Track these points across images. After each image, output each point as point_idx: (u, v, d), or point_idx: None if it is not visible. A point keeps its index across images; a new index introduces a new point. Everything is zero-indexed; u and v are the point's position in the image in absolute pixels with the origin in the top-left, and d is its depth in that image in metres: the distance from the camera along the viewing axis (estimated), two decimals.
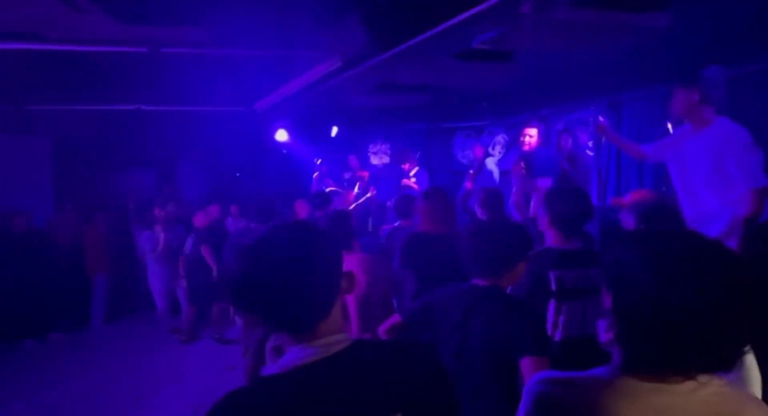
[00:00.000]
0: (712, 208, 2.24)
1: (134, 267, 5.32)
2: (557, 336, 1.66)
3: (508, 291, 1.80)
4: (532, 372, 1.20)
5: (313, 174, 6.41)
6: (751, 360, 1.20)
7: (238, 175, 7.20)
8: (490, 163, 5.08)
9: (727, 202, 2.18)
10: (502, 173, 5.26)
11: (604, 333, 0.75)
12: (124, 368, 3.99)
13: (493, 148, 6.81)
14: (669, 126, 3.29)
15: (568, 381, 0.75)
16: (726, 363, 0.65)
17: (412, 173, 5.63)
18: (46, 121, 5.39)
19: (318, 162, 6.35)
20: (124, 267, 5.34)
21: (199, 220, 4.54)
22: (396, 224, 3.15)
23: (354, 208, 5.52)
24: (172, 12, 2.91)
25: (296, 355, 0.73)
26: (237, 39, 3.34)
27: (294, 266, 0.71)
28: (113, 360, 4.20)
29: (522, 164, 3.78)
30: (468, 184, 4.72)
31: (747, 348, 0.66)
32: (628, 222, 1.98)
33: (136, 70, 3.89)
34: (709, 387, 0.68)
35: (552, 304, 1.67)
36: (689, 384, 0.67)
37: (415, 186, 5.39)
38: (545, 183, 3.62)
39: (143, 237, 4.78)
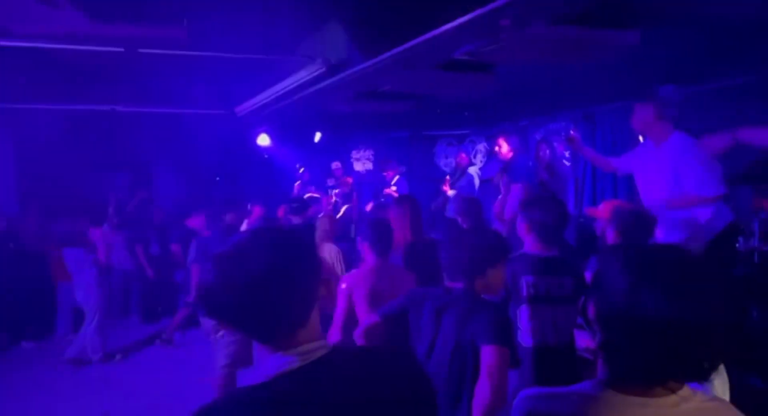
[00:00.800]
0: (674, 216, 2.34)
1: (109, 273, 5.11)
2: (529, 342, 1.68)
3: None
4: (491, 361, 1.25)
5: (295, 180, 6.35)
6: (721, 366, 1.24)
7: (217, 179, 7.06)
8: (472, 171, 5.16)
9: (687, 211, 2.30)
10: (482, 181, 5.35)
11: (585, 342, 0.77)
12: (89, 380, 3.80)
13: (474, 157, 6.93)
14: (640, 138, 3.43)
15: (554, 396, 0.76)
16: (704, 372, 0.67)
17: (393, 181, 5.66)
18: (7, 121, 5.16)
19: (300, 170, 6.31)
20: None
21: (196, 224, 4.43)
22: None
23: (338, 214, 5.49)
24: (150, 11, 2.85)
25: (273, 364, 0.72)
26: (218, 41, 3.30)
27: (269, 273, 0.70)
28: (76, 371, 4.00)
29: (505, 174, 3.86)
30: (446, 189, 4.77)
31: (724, 355, 0.69)
32: (606, 232, 2.04)
33: (112, 70, 3.78)
34: (692, 402, 0.69)
35: (524, 309, 1.70)
36: (673, 398, 0.68)
37: (396, 194, 5.42)
38: (515, 189, 3.71)
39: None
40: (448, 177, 5.08)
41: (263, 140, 6.22)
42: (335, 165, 6.18)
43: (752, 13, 2.87)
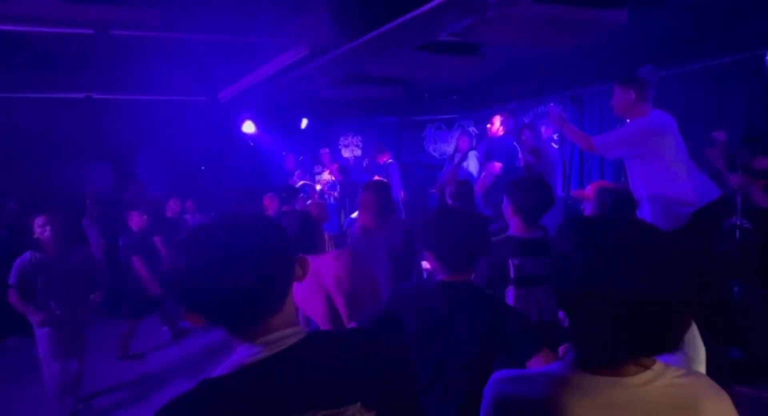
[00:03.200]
0: (655, 192, 2.38)
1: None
2: None
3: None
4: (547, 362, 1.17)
5: (284, 167, 6.25)
6: (694, 338, 1.25)
7: (203, 168, 6.93)
8: (472, 156, 5.10)
9: (667, 187, 2.33)
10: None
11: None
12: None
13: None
14: (627, 119, 3.44)
15: (524, 378, 0.74)
16: (669, 344, 0.65)
17: (384, 167, 5.60)
18: None
19: (300, 158, 6.21)
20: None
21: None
22: (354, 216, 3.14)
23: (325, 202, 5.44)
24: None
25: (244, 353, 0.69)
26: (196, 23, 3.17)
27: (236, 256, 0.66)
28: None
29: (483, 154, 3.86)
30: (446, 172, 4.70)
31: (689, 327, 0.66)
32: (591, 213, 2.05)
33: (84, 55, 3.61)
34: (664, 378, 0.67)
35: (510, 291, 1.71)
36: (644, 376, 0.67)
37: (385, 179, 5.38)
38: (493, 167, 3.71)
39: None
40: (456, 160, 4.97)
41: (248, 127, 6.08)
42: (323, 151, 6.11)
43: None
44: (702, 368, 1.25)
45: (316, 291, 1.77)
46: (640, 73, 2.35)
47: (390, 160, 5.57)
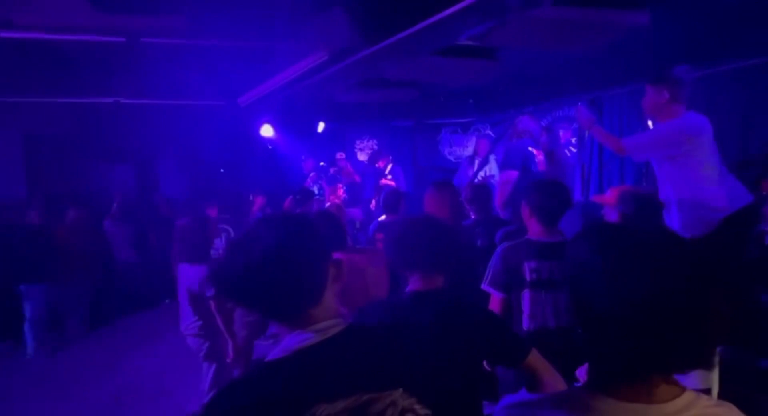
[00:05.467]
0: (685, 197, 2.32)
1: (111, 270, 5.14)
2: (532, 326, 1.69)
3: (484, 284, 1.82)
4: (538, 364, 1.16)
5: (304, 172, 6.34)
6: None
7: (222, 170, 7.08)
8: (492, 160, 5.06)
9: (699, 191, 2.27)
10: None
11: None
12: (96, 384, 3.77)
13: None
14: (649, 123, 3.37)
15: (539, 404, 0.71)
16: (694, 359, 0.61)
17: (387, 170, 5.64)
18: (16, 114, 5.18)
19: (321, 164, 6.31)
20: (99, 270, 5.13)
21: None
22: (382, 218, 3.15)
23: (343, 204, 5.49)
24: (151, 1, 2.82)
25: (294, 340, 0.77)
26: (219, 29, 3.27)
27: (279, 254, 0.75)
28: (90, 373, 3.99)
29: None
30: (464, 176, 4.67)
31: (718, 340, 0.62)
32: (612, 218, 2.02)
33: (114, 61, 3.77)
34: (696, 408, 0.63)
35: (526, 294, 1.70)
36: (675, 404, 0.62)
37: (392, 183, 5.41)
38: (507, 175, 3.67)
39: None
40: (477, 160, 4.93)
41: (266, 131, 6.20)
42: (339, 155, 6.17)
43: None
44: (715, 376, 1.20)
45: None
46: (674, 72, 2.29)
47: (391, 164, 5.60)
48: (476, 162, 4.88)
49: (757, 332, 2.26)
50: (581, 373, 0.88)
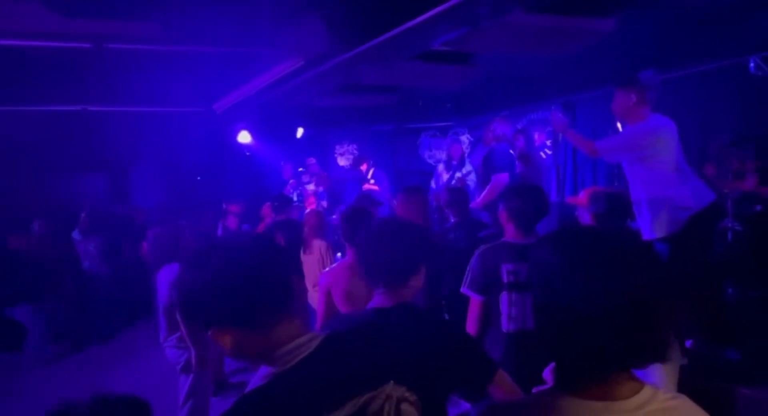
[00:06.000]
0: (654, 196, 2.40)
1: (80, 285, 4.92)
2: (512, 328, 1.71)
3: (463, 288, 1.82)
4: (504, 385, 1.11)
5: (282, 176, 6.26)
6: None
7: (198, 178, 6.92)
8: (468, 166, 5.13)
9: (665, 191, 2.36)
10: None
11: None
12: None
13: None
14: (618, 125, 3.50)
15: (513, 406, 0.73)
16: (653, 353, 0.64)
17: (369, 175, 5.63)
18: None
19: (300, 170, 6.24)
20: (69, 285, 4.91)
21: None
22: None
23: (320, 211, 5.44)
24: (120, 6, 2.74)
25: (278, 361, 0.76)
26: (192, 36, 3.20)
27: (251, 267, 0.76)
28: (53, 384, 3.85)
29: (481, 162, 3.88)
30: (444, 178, 4.71)
31: (671, 336, 0.66)
32: (585, 218, 2.07)
33: (81, 68, 3.63)
34: (656, 402, 0.66)
35: (504, 296, 1.72)
36: (636, 399, 0.65)
37: (376, 187, 5.41)
38: (500, 178, 3.73)
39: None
40: (440, 167, 4.99)
41: (244, 137, 6.10)
42: (310, 161, 6.13)
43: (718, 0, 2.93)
44: (676, 369, 1.25)
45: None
46: (641, 76, 2.38)
47: (373, 169, 5.59)
48: (452, 166, 4.93)
49: (724, 324, 2.36)
50: (547, 374, 0.89)
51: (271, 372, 0.76)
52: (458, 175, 4.97)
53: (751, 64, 3.21)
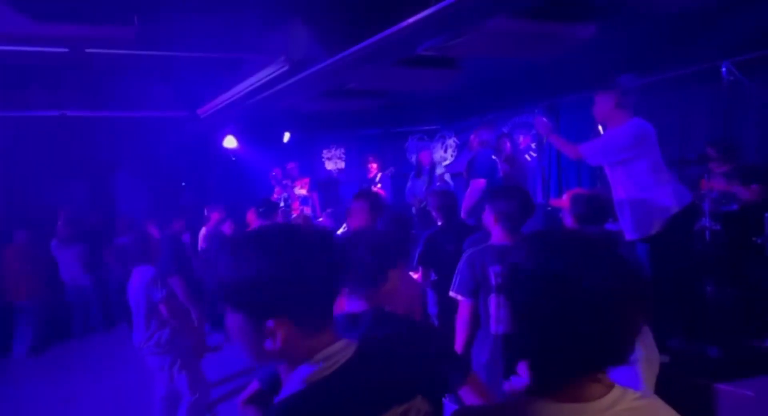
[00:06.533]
0: (633, 198, 2.46)
1: (61, 290, 4.79)
2: (500, 330, 1.72)
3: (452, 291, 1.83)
4: (476, 387, 1.12)
5: (272, 183, 6.20)
6: (648, 339, 1.27)
7: (183, 184, 6.81)
8: (440, 168, 5.19)
9: (645, 192, 2.42)
10: (453, 176, 5.40)
11: None
12: (45, 407, 3.53)
13: (445, 151, 7.01)
14: (600, 128, 3.58)
15: (487, 411, 0.75)
16: (621, 353, 0.66)
17: (377, 179, 5.63)
18: None
19: (273, 174, 6.17)
20: (51, 291, 4.79)
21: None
22: (342, 230, 3.13)
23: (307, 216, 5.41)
24: (98, 10, 2.68)
25: (312, 368, 0.73)
26: (174, 40, 3.16)
27: (323, 263, 0.72)
28: (33, 396, 3.73)
29: (465, 167, 3.91)
30: (416, 186, 4.74)
31: (638, 334, 0.67)
32: (568, 219, 2.11)
33: (59, 73, 3.54)
34: (625, 402, 0.67)
35: (492, 298, 1.73)
36: (606, 400, 0.67)
37: (382, 191, 5.40)
38: (477, 184, 3.77)
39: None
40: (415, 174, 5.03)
41: (230, 142, 6.03)
42: (290, 165, 6.10)
43: (694, 8, 3.03)
44: (656, 367, 1.27)
45: None
46: (620, 81, 2.44)
47: (381, 173, 5.59)
48: (424, 171, 4.99)
49: (704, 322, 2.42)
50: (521, 369, 0.90)
51: (310, 375, 0.72)
52: (445, 174, 5.02)
53: (723, 69, 3.33)
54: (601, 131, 3.49)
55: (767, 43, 3.49)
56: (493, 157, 4.02)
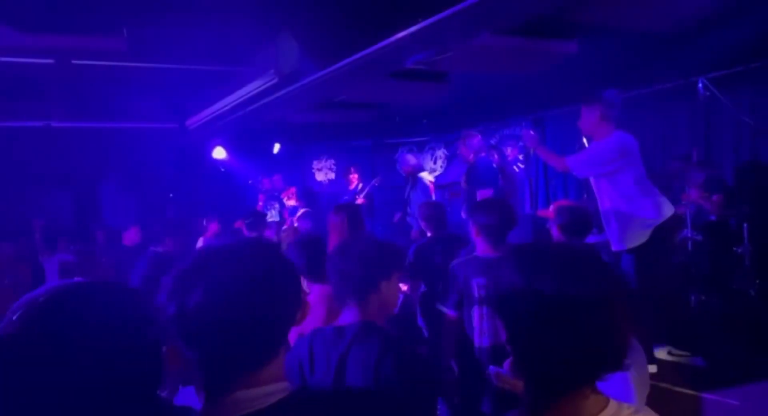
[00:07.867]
0: (618, 210, 2.50)
1: None
2: (483, 342, 1.72)
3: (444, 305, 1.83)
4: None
5: (256, 195, 6.16)
6: (640, 358, 1.28)
7: (171, 195, 6.72)
8: (426, 178, 5.21)
9: (629, 204, 2.47)
10: (440, 187, 5.42)
11: None
12: None
13: (435, 163, 7.08)
14: (585, 141, 3.66)
15: None
16: (613, 362, 0.67)
17: (361, 191, 5.63)
18: None
19: (249, 182, 6.14)
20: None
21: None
22: None
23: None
24: (86, 21, 2.68)
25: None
26: (163, 52, 3.16)
27: (233, 292, 0.61)
28: None
29: (464, 178, 3.94)
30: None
31: (628, 343, 0.68)
32: (554, 231, 2.14)
33: (43, 84, 3.51)
34: None
35: (476, 310, 1.73)
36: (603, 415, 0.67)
37: (364, 201, 5.41)
38: (484, 194, 3.80)
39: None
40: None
41: (219, 153, 6.01)
42: (276, 177, 6.09)
43: (671, 27, 3.16)
44: (647, 387, 1.28)
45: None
46: (605, 95, 2.51)
47: (361, 183, 5.60)
48: (405, 181, 5.03)
49: (689, 331, 2.44)
50: (506, 366, 0.88)
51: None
52: (427, 178, 5.05)
53: (699, 85, 3.45)
54: (586, 144, 3.57)
55: (740, 60, 3.64)
56: (494, 165, 4.06)
